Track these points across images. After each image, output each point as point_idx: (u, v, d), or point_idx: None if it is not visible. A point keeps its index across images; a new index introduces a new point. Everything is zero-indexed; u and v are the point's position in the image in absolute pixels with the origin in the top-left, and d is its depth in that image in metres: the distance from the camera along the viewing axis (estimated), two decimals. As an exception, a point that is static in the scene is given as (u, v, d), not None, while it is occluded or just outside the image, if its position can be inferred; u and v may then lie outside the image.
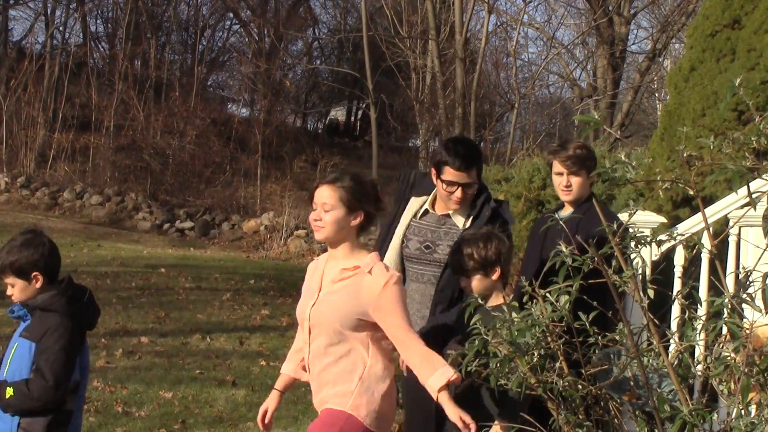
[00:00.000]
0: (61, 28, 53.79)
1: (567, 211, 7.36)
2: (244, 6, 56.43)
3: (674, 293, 6.55)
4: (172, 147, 41.96)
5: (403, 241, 7.07)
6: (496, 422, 5.68)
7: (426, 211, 7.11)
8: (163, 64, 51.99)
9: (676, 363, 4.07)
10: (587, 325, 4.16)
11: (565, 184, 7.28)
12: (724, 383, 4.00)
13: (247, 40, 57.12)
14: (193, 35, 57.31)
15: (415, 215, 7.12)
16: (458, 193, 6.87)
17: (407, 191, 7.26)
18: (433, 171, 7.03)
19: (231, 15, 56.40)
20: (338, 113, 60.10)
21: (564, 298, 4.05)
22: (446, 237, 6.95)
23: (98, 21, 57.50)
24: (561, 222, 5.08)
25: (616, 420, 4.33)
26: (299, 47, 59.23)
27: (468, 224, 6.91)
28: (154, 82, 48.08)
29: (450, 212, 7.01)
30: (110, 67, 48.54)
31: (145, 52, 51.02)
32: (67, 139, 42.05)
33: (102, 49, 54.83)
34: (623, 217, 6.50)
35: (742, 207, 6.12)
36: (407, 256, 7.06)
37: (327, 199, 5.87)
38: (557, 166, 7.37)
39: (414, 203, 7.17)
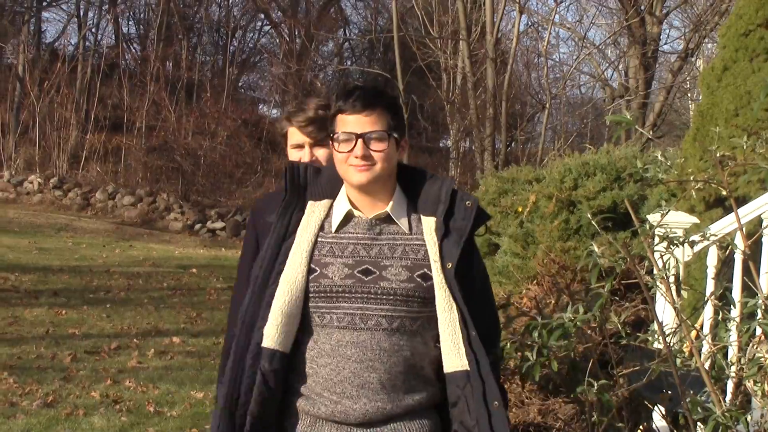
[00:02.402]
0: (93, 30, 54.01)
1: None
2: (275, 7, 56.59)
3: (707, 294, 6.52)
4: (203, 148, 42.12)
5: (312, 270, 4.04)
6: None
7: (348, 217, 4.12)
8: (195, 65, 52.24)
9: (709, 364, 4.05)
10: (619, 326, 4.16)
11: (309, 158, 4.91)
12: (758, 385, 3.99)
13: (278, 41, 57.30)
14: (224, 36, 57.52)
15: (321, 228, 4.13)
16: (358, 148, 3.99)
17: (299, 192, 4.23)
18: (331, 144, 4.19)
19: (262, 16, 56.60)
20: (369, 113, 60.02)
21: (598, 299, 4.04)
22: (394, 252, 4.03)
23: (130, 22, 57.77)
24: None
25: (647, 421, 4.32)
26: (330, 48, 59.43)
27: (425, 230, 4.09)
28: (186, 83, 48.32)
29: (389, 209, 4.07)
30: (142, 69, 48.76)
31: (176, 54, 51.23)
32: (99, 140, 42.25)
33: (134, 51, 55.07)
34: (655, 218, 6.49)
35: (776, 207, 6.08)
36: (327, 293, 4.00)
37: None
38: (298, 135, 5.11)
39: (316, 210, 4.17)
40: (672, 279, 4.25)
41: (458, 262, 3.94)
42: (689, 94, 35.18)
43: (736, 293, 6.51)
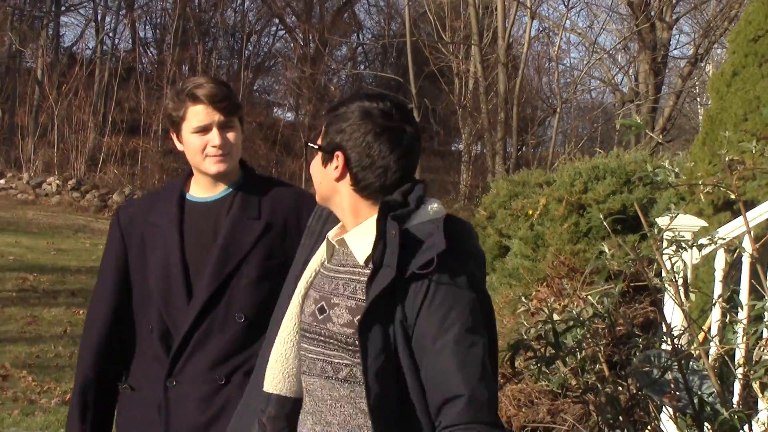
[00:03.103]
0: (110, 34, 54.20)
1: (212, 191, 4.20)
2: (290, 12, 56.67)
3: (715, 297, 6.53)
4: (218, 150, 42.10)
5: (303, 301, 3.43)
6: None
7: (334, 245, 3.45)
8: (210, 69, 52.27)
9: (716, 365, 4.07)
10: (628, 327, 4.17)
11: (219, 143, 4.06)
12: (766, 387, 4.00)
13: (292, 45, 57.35)
14: (239, 41, 57.52)
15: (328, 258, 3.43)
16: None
17: (320, 224, 3.57)
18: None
19: (277, 21, 56.63)
20: (382, 117, 60.07)
21: (605, 300, 4.05)
22: (346, 289, 3.29)
23: (147, 27, 57.86)
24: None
25: (655, 421, 4.33)
26: (343, 52, 59.44)
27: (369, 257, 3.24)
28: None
29: (345, 235, 3.35)
30: (158, 72, 48.86)
31: (192, 58, 51.28)
32: (117, 142, 42.40)
33: (150, 55, 55.19)
34: (664, 221, 6.50)
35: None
36: (301, 329, 3.42)
37: None
38: (200, 115, 4.08)
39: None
40: (680, 281, 4.27)
41: (380, 308, 3.08)
42: (698, 99, 35.14)
43: (744, 296, 6.51)
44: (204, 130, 3.99)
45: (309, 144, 3.49)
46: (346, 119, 3.33)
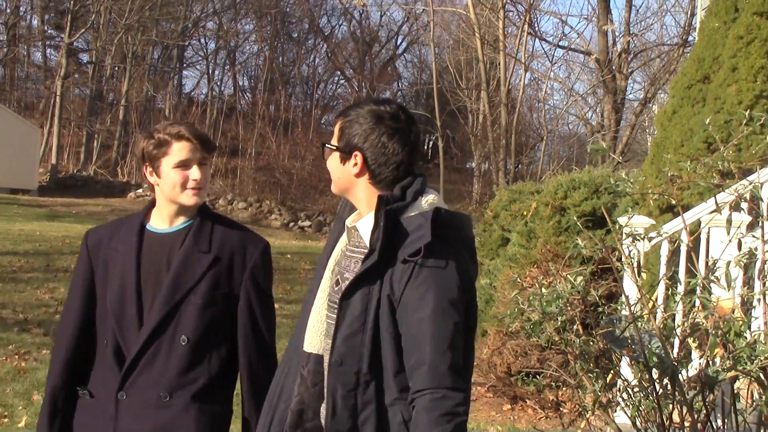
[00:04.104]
0: (218, 83, 54.69)
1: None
2: (348, 66, 56.89)
3: (660, 276, 6.48)
4: (295, 167, 42.52)
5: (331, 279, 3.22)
6: None
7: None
8: (290, 108, 52.70)
9: (662, 326, 4.02)
10: (596, 298, 4.14)
11: (199, 177, 3.59)
12: (697, 342, 3.96)
13: (349, 90, 57.56)
14: (311, 87, 57.89)
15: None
16: (196, 172, 3.53)
17: (345, 211, 3.34)
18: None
19: (338, 73, 56.81)
20: (415, 143, 60.27)
21: (579, 279, 4.02)
22: (356, 266, 3.05)
23: (244, 77, 58.30)
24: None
25: (617, 368, 4.30)
26: (387, 95, 59.54)
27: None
28: (283, 121, 48.71)
29: (356, 221, 3.15)
30: (252, 110, 49.36)
31: (276, 100, 51.63)
32: (222, 162, 42.77)
33: (246, 98, 55.53)
34: (623, 220, 6.44)
35: (711, 213, 6.03)
36: (328, 300, 3.17)
37: None
38: (184, 151, 3.57)
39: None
40: (635, 264, 4.23)
41: (360, 283, 2.90)
42: (647, 131, 34.91)
43: (682, 275, 6.46)
44: (185, 165, 3.51)
45: (327, 145, 3.19)
46: (360, 123, 3.08)
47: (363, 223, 3.07)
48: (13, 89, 50.80)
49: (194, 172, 3.52)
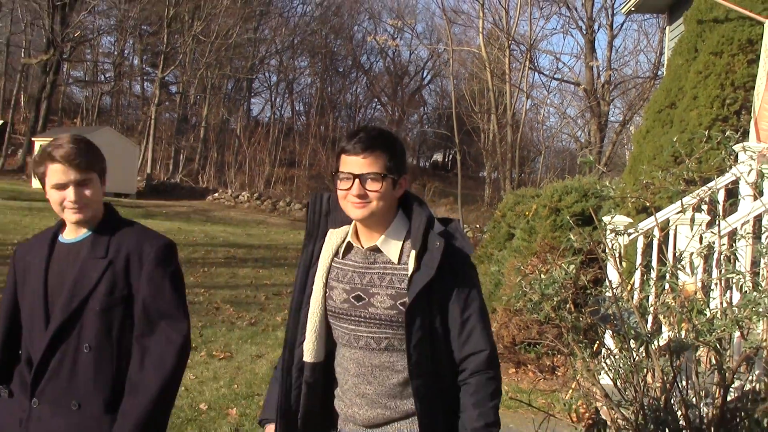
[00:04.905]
0: (279, 108, 54.82)
1: None
2: (384, 94, 56.91)
3: (637, 264, 6.45)
4: (341, 176, 42.65)
5: (325, 291, 2.87)
6: None
7: (350, 246, 2.88)
8: (336, 128, 52.73)
9: (638, 305, 4.00)
10: (585, 282, 4.13)
11: (74, 198, 2.96)
12: (666, 318, 3.94)
13: (384, 114, 57.62)
14: (353, 111, 57.98)
15: (336, 253, 2.90)
16: (355, 188, 2.68)
17: (320, 221, 2.96)
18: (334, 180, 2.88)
19: (376, 99, 56.85)
20: (438, 156, 60.23)
21: (571, 267, 4.01)
22: (382, 281, 2.76)
23: (300, 103, 58.51)
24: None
25: (602, 339, 4.28)
26: (415, 118, 59.61)
27: (410, 262, 2.72)
28: (331, 138, 48.80)
29: (378, 243, 2.78)
30: (306, 130, 49.40)
31: (326, 121, 51.71)
32: (282, 171, 42.95)
33: (301, 120, 55.72)
34: (607, 219, 6.41)
35: (678, 213, 5.99)
36: (332, 312, 2.86)
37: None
38: (57, 174, 2.97)
39: (333, 237, 2.92)
40: (617, 255, 4.22)
41: (423, 297, 2.62)
42: (626, 146, 34.69)
43: (654, 264, 6.42)
44: (61, 187, 2.90)
45: (384, 174, 2.67)
46: (403, 152, 2.78)
47: (385, 244, 2.73)
48: (118, 114, 51.35)
49: (69, 194, 2.90)
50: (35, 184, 34.58)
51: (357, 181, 2.65)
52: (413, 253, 2.67)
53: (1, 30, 45.37)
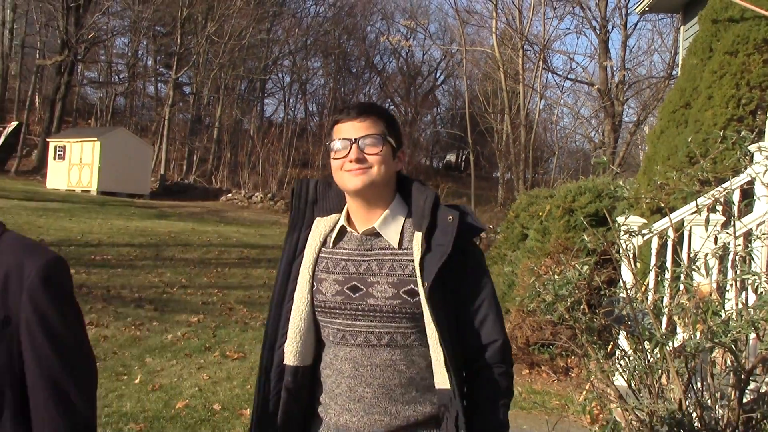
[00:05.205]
0: (292, 109, 54.89)
1: None
2: (397, 95, 56.92)
3: (651, 265, 6.42)
4: (355, 177, 42.70)
5: (312, 285, 2.50)
6: None
7: (342, 231, 2.52)
8: (350, 129, 52.92)
9: (652, 307, 3.99)
10: (599, 283, 4.11)
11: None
12: (681, 319, 3.92)
13: (398, 114, 57.63)
14: (367, 112, 58.20)
15: (324, 243, 2.54)
16: (353, 152, 2.37)
17: (306, 210, 2.60)
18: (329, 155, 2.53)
19: (389, 100, 56.88)
20: (451, 156, 60.20)
21: (585, 267, 3.99)
22: (382, 268, 2.42)
23: (313, 104, 58.54)
24: None
25: (616, 340, 4.27)
26: (428, 118, 59.59)
27: (415, 245, 2.40)
28: (345, 139, 48.97)
29: (376, 225, 2.44)
30: (319, 131, 49.37)
31: (339, 122, 51.89)
32: (295, 172, 43.00)
33: (315, 120, 55.76)
34: (621, 219, 6.38)
35: (692, 214, 5.96)
36: (322, 308, 2.47)
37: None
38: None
39: (321, 225, 2.56)
40: (631, 256, 4.20)
41: (439, 279, 2.31)
42: (640, 147, 34.58)
43: (669, 264, 6.40)
44: None
45: (384, 136, 2.42)
46: (398, 124, 2.52)
47: (383, 226, 2.44)
48: (132, 115, 51.54)
49: None
50: (50, 184, 34.78)
51: (355, 145, 2.39)
52: (418, 235, 2.39)
53: (16, 31, 45.62)
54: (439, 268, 2.30)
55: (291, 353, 2.45)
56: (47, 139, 37.51)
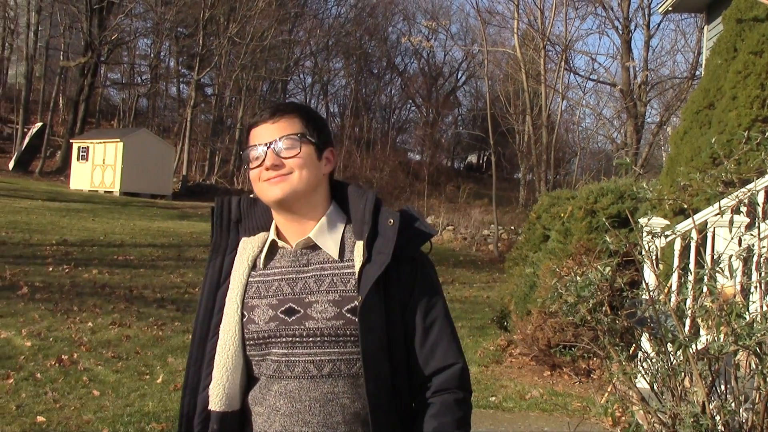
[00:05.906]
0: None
1: None
2: (418, 96, 56.92)
3: (674, 267, 6.38)
4: (375, 177, 42.68)
5: (243, 315, 2.09)
6: None
7: (273, 247, 2.15)
8: (371, 129, 52.89)
9: (675, 308, 3.97)
10: (621, 285, 4.10)
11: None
12: (705, 321, 3.90)
13: (419, 115, 57.65)
14: (388, 113, 58.06)
15: (254, 266, 2.14)
16: (269, 158, 2.05)
17: (230, 231, 2.21)
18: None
19: (410, 101, 56.90)
20: (472, 157, 60.12)
21: (607, 269, 3.98)
22: (321, 285, 2.05)
23: (335, 105, 58.67)
24: None
25: (638, 342, 4.25)
26: (449, 119, 59.53)
27: (356, 255, 2.06)
28: (366, 140, 48.96)
29: (311, 234, 2.09)
30: (341, 132, 49.53)
31: (360, 123, 51.86)
32: (316, 173, 43.14)
33: (336, 122, 55.87)
34: (644, 221, 6.35)
35: (716, 215, 5.92)
36: (255, 340, 2.08)
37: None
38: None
39: (248, 247, 2.17)
40: (654, 257, 4.18)
41: (377, 294, 2.02)
42: (663, 148, 34.42)
43: (692, 266, 6.36)
44: None
45: (302, 135, 2.10)
46: (323, 122, 2.20)
47: (320, 236, 2.12)
48: (154, 116, 51.88)
49: None
50: (74, 185, 35.07)
51: (269, 150, 2.08)
52: (359, 244, 2.09)
53: (40, 33, 46.03)
54: (376, 280, 2.02)
55: (217, 397, 2.10)
56: (71, 140, 37.86)
